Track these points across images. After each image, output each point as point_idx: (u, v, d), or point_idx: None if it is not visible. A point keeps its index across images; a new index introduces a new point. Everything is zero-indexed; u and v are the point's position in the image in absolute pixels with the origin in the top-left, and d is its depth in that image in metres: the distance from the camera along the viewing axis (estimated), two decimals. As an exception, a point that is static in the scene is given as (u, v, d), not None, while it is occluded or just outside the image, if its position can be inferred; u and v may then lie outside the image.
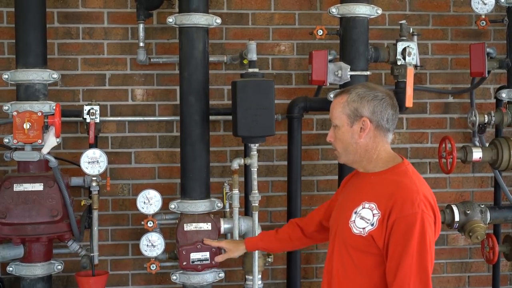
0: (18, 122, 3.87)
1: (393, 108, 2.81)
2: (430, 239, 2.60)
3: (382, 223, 2.64)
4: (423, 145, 4.95)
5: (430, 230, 2.61)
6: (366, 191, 2.80)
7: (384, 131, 2.80)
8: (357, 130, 2.78)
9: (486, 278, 5.04)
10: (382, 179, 2.76)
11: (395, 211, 2.61)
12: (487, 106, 4.95)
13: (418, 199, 2.62)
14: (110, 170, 4.62)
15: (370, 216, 2.69)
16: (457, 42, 4.95)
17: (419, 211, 2.60)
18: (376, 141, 2.79)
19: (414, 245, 2.57)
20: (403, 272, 2.57)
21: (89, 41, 4.63)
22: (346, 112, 2.79)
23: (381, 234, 2.64)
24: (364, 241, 2.70)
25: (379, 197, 2.70)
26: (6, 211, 3.89)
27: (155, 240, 4.09)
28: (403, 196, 2.64)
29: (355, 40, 4.17)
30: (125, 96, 4.67)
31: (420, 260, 2.57)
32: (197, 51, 4.06)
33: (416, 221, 2.58)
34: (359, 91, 2.79)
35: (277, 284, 4.85)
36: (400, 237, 2.59)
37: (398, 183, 2.70)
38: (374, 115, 2.76)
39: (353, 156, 2.83)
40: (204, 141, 4.11)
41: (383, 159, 2.80)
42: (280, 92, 4.73)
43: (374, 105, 2.76)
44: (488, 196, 4.97)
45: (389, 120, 2.79)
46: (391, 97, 2.82)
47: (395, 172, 2.76)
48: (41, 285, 4.10)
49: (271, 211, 4.83)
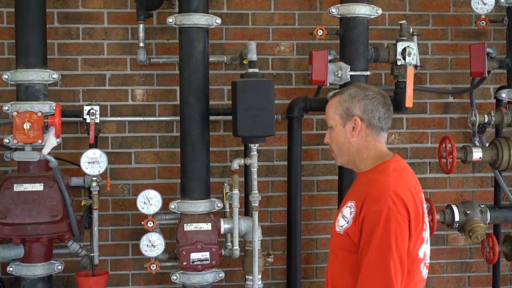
0: (18, 122, 3.88)
1: (385, 106, 2.80)
2: (396, 236, 2.56)
3: (355, 220, 2.66)
4: (423, 145, 4.95)
5: (397, 227, 2.57)
6: (352, 190, 2.84)
7: (376, 129, 2.79)
8: (349, 129, 2.79)
9: (486, 278, 5.04)
10: (365, 178, 2.78)
11: (364, 208, 2.63)
12: (487, 106, 4.95)
13: (386, 195, 2.60)
14: (110, 170, 4.62)
15: (348, 214, 2.71)
16: (457, 42, 4.95)
17: (384, 207, 2.58)
18: (368, 140, 2.80)
19: (377, 241, 2.55)
20: (365, 267, 2.57)
21: (89, 41, 4.63)
22: (338, 112, 2.81)
23: (355, 231, 2.65)
24: (342, 239, 2.72)
25: (357, 195, 2.72)
26: (6, 211, 3.89)
27: (155, 240, 4.09)
28: (372, 193, 2.64)
29: (355, 40, 4.17)
30: (125, 96, 4.67)
31: (381, 257, 2.55)
32: (197, 51, 4.07)
33: (380, 218, 2.56)
34: (351, 91, 2.81)
35: (277, 284, 4.85)
36: (365, 233, 2.60)
37: (372, 180, 2.71)
38: (365, 113, 2.77)
39: (347, 157, 2.85)
40: (204, 141, 4.12)
41: (373, 158, 2.80)
42: (280, 92, 4.73)
43: (365, 104, 2.77)
44: (488, 196, 4.97)
45: (381, 118, 2.79)
46: (383, 96, 2.81)
47: (376, 170, 2.77)
48: (41, 285, 4.10)
49: (271, 211, 4.83)
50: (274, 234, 4.83)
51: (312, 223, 4.87)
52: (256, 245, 4.03)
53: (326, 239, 4.87)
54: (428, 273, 4.96)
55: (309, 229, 4.86)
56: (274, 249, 4.82)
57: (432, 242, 4.91)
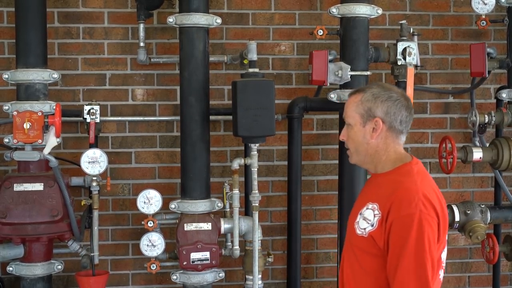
0: (18, 122, 3.88)
1: (408, 109, 2.75)
2: (429, 240, 2.55)
3: (381, 223, 2.62)
4: (423, 145, 4.95)
5: (430, 231, 2.56)
6: (371, 192, 2.78)
7: (396, 132, 2.75)
8: (369, 130, 2.74)
9: (487, 278, 5.03)
10: (387, 180, 2.74)
11: (393, 211, 2.58)
12: (487, 106, 4.95)
13: (417, 199, 2.58)
14: (110, 170, 4.61)
15: (371, 216, 2.66)
16: (458, 42, 4.95)
17: (416, 211, 2.55)
18: (387, 142, 2.76)
19: (412, 245, 2.52)
20: (401, 274, 2.53)
21: (89, 41, 4.63)
22: (359, 111, 2.75)
23: (381, 234, 2.61)
24: (365, 242, 2.68)
25: (380, 198, 2.67)
26: (6, 211, 3.89)
27: (155, 240, 4.09)
28: (401, 196, 2.60)
29: (356, 40, 4.17)
30: (125, 96, 4.67)
31: (418, 261, 2.53)
32: (197, 51, 4.07)
33: (413, 222, 2.53)
34: (374, 91, 2.74)
35: (277, 284, 4.85)
36: (397, 238, 2.56)
37: (398, 183, 2.67)
38: (388, 116, 2.72)
39: (364, 157, 2.80)
40: (204, 141, 4.12)
41: (392, 160, 2.77)
42: (280, 92, 4.73)
43: (388, 106, 2.71)
44: (489, 196, 4.96)
45: (402, 121, 2.74)
46: (406, 99, 2.77)
47: (399, 172, 2.73)
48: (41, 285, 4.10)
49: (271, 211, 4.83)
50: (274, 234, 4.83)
51: (312, 223, 4.87)
52: (256, 245, 4.03)
53: (326, 239, 4.87)
54: (428, 273, 4.96)
55: (309, 229, 4.86)
56: (274, 249, 4.82)
57: (432, 242, 4.92)
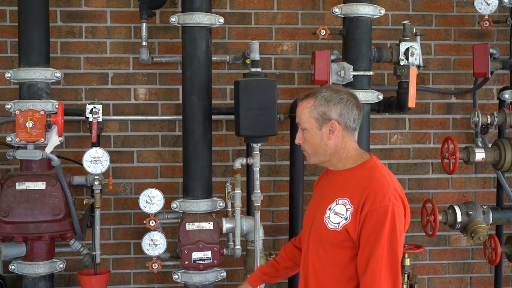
0: (20, 120, 3.88)
1: (358, 108, 2.89)
2: (400, 230, 2.70)
3: (355, 216, 2.73)
4: (425, 145, 4.95)
5: (400, 222, 2.71)
6: (338, 187, 2.87)
7: (351, 130, 2.88)
8: (326, 132, 2.85)
9: (488, 279, 5.03)
10: (354, 175, 2.85)
11: (368, 204, 2.71)
12: (490, 106, 4.95)
13: (389, 192, 2.72)
14: (112, 169, 4.61)
15: (344, 211, 2.77)
16: (460, 42, 4.94)
17: (390, 203, 2.69)
18: (345, 140, 2.87)
19: (385, 235, 2.67)
20: (375, 262, 2.67)
21: (92, 40, 4.64)
22: (314, 115, 2.86)
23: (355, 227, 2.73)
24: (339, 235, 2.78)
25: (351, 192, 2.79)
26: (8, 209, 3.89)
27: (157, 239, 4.09)
28: (377, 190, 2.73)
29: (358, 40, 4.17)
30: (127, 95, 4.68)
31: (390, 250, 2.67)
32: (200, 51, 4.07)
33: (387, 213, 2.67)
34: (324, 95, 2.86)
35: (279, 284, 4.84)
36: (371, 229, 2.69)
37: (370, 177, 2.79)
38: (342, 117, 2.84)
39: (323, 157, 2.91)
40: (206, 140, 4.12)
41: (352, 156, 2.89)
42: (283, 91, 4.73)
43: (341, 107, 2.84)
44: (491, 197, 4.96)
45: (355, 120, 2.87)
46: (355, 97, 2.90)
47: (365, 167, 2.85)
48: (43, 283, 4.10)
49: (273, 211, 4.83)
50: (276, 234, 4.83)
51: (314, 223, 4.86)
52: (258, 245, 4.03)
53: (328, 239, 4.86)
54: (430, 274, 5.00)
55: (311, 229, 4.85)
56: (276, 249, 4.81)
57: (434, 243, 4.93)
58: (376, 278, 2.66)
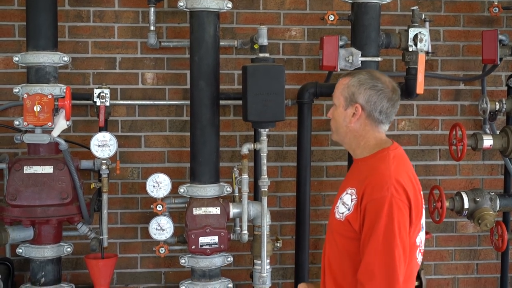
0: (28, 104, 3.88)
1: (390, 101, 2.78)
2: (399, 223, 2.59)
3: (357, 207, 2.68)
4: (433, 132, 4.94)
5: (400, 214, 2.60)
6: (351, 176, 2.85)
7: (375, 121, 2.79)
8: (349, 114, 2.80)
9: (495, 266, 5.03)
10: (365, 164, 2.79)
11: (366, 195, 2.64)
12: (498, 93, 4.93)
13: (389, 183, 2.63)
14: (120, 153, 4.62)
15: (349, 201, 2.73)
16: (469, 28, 4.92)
17: (387, 194, 2.60)
18: (366, 129, 2.80)
19: (381, 227, 2.57)
20: (369, 254, 2.59)
21: (99, 24, 4.63)
22: (344, 94, 2.81)
23: (356, 218, 2.67)
24: (343, 226, 2.73)
25: (358, 182, 2.73)
26: (16, 193, 3.91)
27: (164, 223, 4.10)
28: (375, 181, 2.65)
29: (367, 26, 4.15)
30: (135, 79, 4.67)
31: (385, 243, 2.57)
32: (207, 35, 4.06)
33: (384, 205, 2.58)
34: (361, 77, 2.79)
35: (285, 269, 4.86)
36: (369, 220, 2.61)
37: (373, 168, 2.72)
38: (368, 104, 2.76)
39: (343, 138, 2.87)
40: (214, 125, 4.11)
41: (371, 146, 2.81)
42: (291, 77, 4.72)
43: (370, 95, 2.76)
44: (498, 184, 4.95)
45: (382, 112, 2.77)
46: (393, 90, 2.79)
47: (376, 157, 2.78)
48: (50, 267, 4.12)
49: (280, 196, 4.83)
50: (283, 219, 4.84)
51: (321, 209, 4.87)
52: (265, 230, 4.04)
53: (335, 224, 4.87)
54: (437, 260, 5.00)
55: (318, 214, 4.86)
56: (282, 234, 4.83)
57: (441, 229, 4.93)
58: (369, 273, 2.58)
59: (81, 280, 4.63)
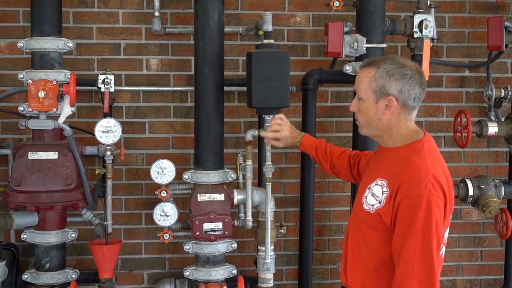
0: (33, 90, 3.88)
1: (421, 86, 2.73)
2: (436, 221, 2.57)
3: (389, 201, 2.63)
4: (438, 118, 4.93)
5: (438, 212, 2.57)
6: (381, 167, 2.78)
7: (409, 109, 2.74)
8: (382, 107, 2.72)
9: (499, 253, 5.03)
10: (397, 156, 2.73)
11: (402, 191, 2.59)
12: (504, 80, 4.92)
13: (426, 180, 2.58)
14: (124, 139, 4.62)
15: (380, 193, 2.68)
16: (475, 15, 4.89)
17: (425, 192, 2.56)
18: (400, 118, 2.74)
19: (419, 226, 2.54)
20: (407, 253, 2.55)
21: (104, 10, 4.62)
22: (372, 87, 2.72)
23: (388, 212, 2.63)
24: (372, 217, 2.70)
25: (390, 175, 2.68)
26: (20, 179, 3.91)
27: (168, 210, 4.11)
28: (411, 176, 2.60)
29: (372, 12, 4.14)
30: (139, 65, 4.67)
31: (424, 241, 2.55)
32: (212, 21, 4.05)
33: (422, 202, 2.55)
34: (387, 67, 2.71)
35: (289, 255, 4.87)
36: (405, 218, 2.57)
37: (408, 161, 2.66)
38: (401, 94, 2.70)
39: (375, 131, 2.80)
40: (218, 111, 4.11)
41: (403, 136, 2.76)
42: (295, 63, 4.71)
43: (402, 84, 2.69)
44: (503, 171, 4.94)
45: (416, 98, 2.72)
46: (420, 74, 2.73)
47: (410, 149, 2.72)
48: (55, 252, 4.13)
49: (284, 183, 4.83)
50: (287, 206, 4.84)
51: (325, 195, 4.87)
52: (269, 216, 4.04)
53: (339, 211, 4.88)
54: (441, 247, 4.96)
55: (322, 201, 4.86)
56: (286, 220, 4.83)
57: (445, 216, 4.91)
58: (408, 272, 2.55)
59: (86, 266, 4.64)
